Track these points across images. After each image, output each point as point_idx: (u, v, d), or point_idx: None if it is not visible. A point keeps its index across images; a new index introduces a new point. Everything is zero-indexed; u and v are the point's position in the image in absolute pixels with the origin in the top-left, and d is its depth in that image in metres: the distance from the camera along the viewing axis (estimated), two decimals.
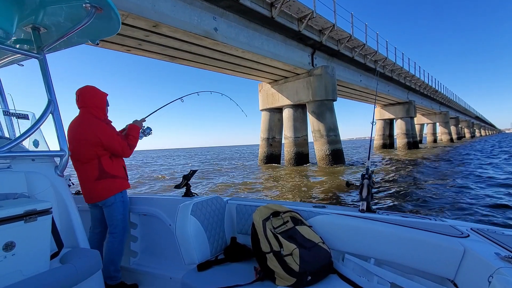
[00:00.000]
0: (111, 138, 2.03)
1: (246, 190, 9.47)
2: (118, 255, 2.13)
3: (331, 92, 14.76)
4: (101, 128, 2.01)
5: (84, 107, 2.06)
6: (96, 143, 1.98)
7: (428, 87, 30.63)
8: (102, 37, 1.78)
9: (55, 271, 1.27)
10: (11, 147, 1.46)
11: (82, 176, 2.08)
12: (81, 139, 1.98)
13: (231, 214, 2.20)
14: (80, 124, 2.02)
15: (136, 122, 2.38)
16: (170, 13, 8.41)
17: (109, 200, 2.07)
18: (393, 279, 1.45)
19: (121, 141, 2.10)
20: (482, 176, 10.14)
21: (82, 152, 2.00)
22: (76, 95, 2.09)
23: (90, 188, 2.07)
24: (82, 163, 2.04)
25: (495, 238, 1.34)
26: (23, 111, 1.80)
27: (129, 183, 2.28)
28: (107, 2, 1.37)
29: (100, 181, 2.04)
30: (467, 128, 75.00)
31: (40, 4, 1.45)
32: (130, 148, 2.18)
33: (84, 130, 1.98)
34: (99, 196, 2.06)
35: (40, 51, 1.71)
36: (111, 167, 2.09)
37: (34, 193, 1.55)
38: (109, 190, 2.06)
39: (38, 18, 1.56)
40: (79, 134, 1.99)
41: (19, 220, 1.18)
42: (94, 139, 1.97)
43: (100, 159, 2.03)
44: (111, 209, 2.10)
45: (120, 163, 2.20)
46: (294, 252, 1.48)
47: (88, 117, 2.03)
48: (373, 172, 1.84)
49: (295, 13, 11.90)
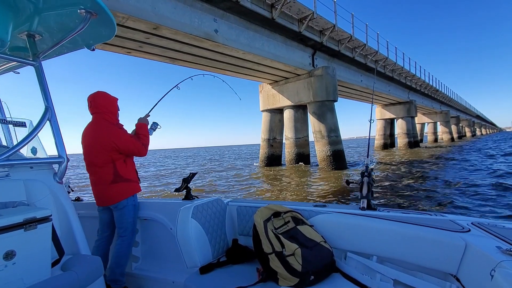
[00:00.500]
0: (125, 141, 2.08)
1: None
2: (125, 258, 2.13)
3: (332, 92, 14.74)
4: (115, 133, 2.05)
5: (97, 112, 2.10)
6: (112, 148, 2.02)
7: (428, 87, 30.56)
8: (97, 42, 1.77)
9: (57, 278, 1.26)
10: (9, 155, 1.45)
11: (96, 180, 2.10)
12: (96, 144, 2.02)
13: (232, 216, 2.20)
14: (95, 129, 2.06)
15: (141, 120, 2.39)
16: (170, 15, 8.43)
17: (121, 203, 2.10)
18: (396, 276, 1.45)
19: (135, 142, 2.15)
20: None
21: (97, 157, 2.04)
22: (88, 101, 2.13)
23: (104, 191, 2.09)
24: (97, 167, 2.07)
25: (496, 231, 1.34)
26: (20, 118, 1.81)
27: (140, 187, 2.30)
28: (102, 7, 1.37)
29: (115, 184, 2.07)
30: (468, 127, 74.73)
31: (34, 11, 1.45)
32: (144, 147, 2.23)
33: (99, 136, 2.02)
34: (113, 199, 2.09)
35: (36, 58, 1.71)
36: (125, 171, 2.13)
37: (33, 201, 1.54)
38: (122, 193, 2.09)
39: (33, 25, 1.56)
40: (94, 139, 2.03)
41: (19, 229, 1.17)
42: (109, 144, 2.01)
43: (115, 163, 2.07)
44: (122, 212, 2.11)
45: (133, 167, 2.24)
46: (296, 252, 1.48)
47: (102, 123, 2.07)
48: (373, 170, 1.84)
49: (295, 14, 11.90)
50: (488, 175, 10.08)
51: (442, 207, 6.01)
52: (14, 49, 1.78)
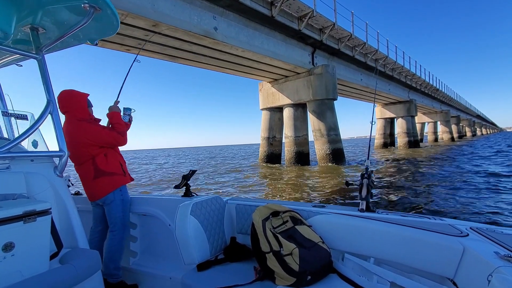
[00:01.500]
0: (97, 134, 2.08)
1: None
2: (118, 253, 2.14)
3: (332, 91, 14.73)
4: (86, 129, 2.05)
5: (66, 112, 2.10)
6: (87, 144, 2.05)
7: (429, 86, 30.55)
8: (101, 37, 1.78)
9: (55, 271, 1.27)
10: (10, 148, 1.45)
11: (81, 177, 2.15)
12: (72, 143, 2.02)
13: (230, 214, 2.20)
14: (67, 128, 2.05)
15: (111, 108, 2.33)
16: (170, 12, 8.39)
17: (108, 198, 2.11)
18: (393, 279, 1.45)
19: (109, 132, 2.14)
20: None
21: (77, 154, 2.08)
22: (57, 100, 2.07)
23: (90, 187, 2.13)
24: (78, 165, 2.12)
25: (495, 237, 1.34)
26: (22, 111, 1.80)
27: (129, 178, 2.29)
28: (105, 2, 1.37)
29: (97, 179, 2.09)
30: (468, 127, 74.81)
31: (38, 4, 1.45)
32: (122, 135, 2.20)
33: (72, 134, 2.03)
34: (98, 195, 2.12)
35: (39, 52, 1.71)
36: (106, 165, 2.13)
37: (33, 194, 1.54)
38: (106, 188, 2.10)
39: (37, 19, 1.56)
40: (70, 138, 2.02)
41: (18, 221, 1.17)
42: (83, 141, 2.03)
43: (94, 159, 2.09)
44: (110, 207, 2.13)
45: (116, 159, 2.22)
46: (293, 251, 1.48)
47: (72, 121, 2.07)
48: (373, 172, 1.85)
49: (295, 12, 11.87)
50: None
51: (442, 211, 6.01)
52: (17, 42, 1.78)
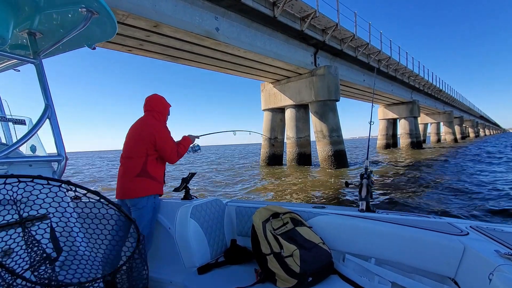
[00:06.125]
0: (165, 139, 2.14)
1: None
2: None
3: (334, 92, 14.68)
4: (158, 128, 2.13)
5: (148, 110, 2.22)
6: (150, 141, 2.07)
7: (432, 87, 30.41)
8: (98, 41, 1.78)
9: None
10: (8, 153, 1.45)
11: (123, 171, 2.12)
12: (135, 135, 2.10)
13: (230, 216, 2.19)
14: (141, 122, 2.17)
15: (191, 136, 2.50)
16: (171, 13, 8.41)
17: (141, 202, 2.05)
18: (394, 279, 1.45)
19: (173, 145, 2.20)
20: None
21: (133, 147, 2.09)
22: (145, 100, 2.28)
23: (127, 183, 2.07)
24: (129, 158, 2.10)
25: (495, 235, 1.34)
26: (20, 116, 1.80)
27: (163, 190, 2.27)
28: (103, 6, 1.37)
29: (139, 178, 2.06)
30: (471, 128, 74.44)
31: (36, 9, 1.45)
32: (177, 155, 2.25)
33: (142, 127, 2.12)
34: (133, 194, 2.05)
35: (37, 56, 1.72)
36: (154, 168, 2.12)
37: (32, 199, 1.54)
38: (144, 189, 2.06)
39: (34, 23, 1.56)
40: (136, 130, 2.13)
41: (17, 227, 1.17)
42: (149, 137, 2.07)
43: (147, 158, 2.09)
44: (140, 212, 2.06)
45: (162, 168, 2.23)
46: (294, 253, 1.47)
47: (149, 118, 2.19)
48: (372, 172, 1.84)
49: (297, 12, 11.85)
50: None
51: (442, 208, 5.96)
52: (14, 47, 1.78)
